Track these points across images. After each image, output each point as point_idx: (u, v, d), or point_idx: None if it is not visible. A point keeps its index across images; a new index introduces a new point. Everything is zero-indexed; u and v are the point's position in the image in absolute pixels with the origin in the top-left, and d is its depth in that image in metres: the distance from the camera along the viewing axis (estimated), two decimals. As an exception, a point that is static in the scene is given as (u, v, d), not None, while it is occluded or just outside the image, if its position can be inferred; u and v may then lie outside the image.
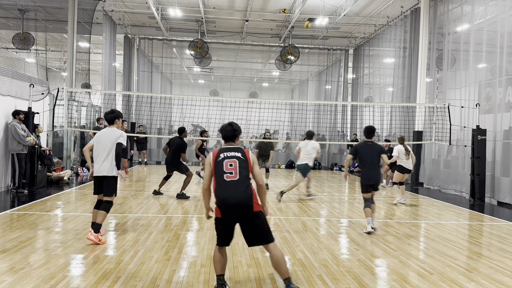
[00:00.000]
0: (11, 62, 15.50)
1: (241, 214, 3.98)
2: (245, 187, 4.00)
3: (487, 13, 12.74)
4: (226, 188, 3.99)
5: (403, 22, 16.21)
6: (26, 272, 4.51)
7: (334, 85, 22.97)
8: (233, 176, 4.02)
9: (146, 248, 5.56)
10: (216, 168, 4.09)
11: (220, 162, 4.08)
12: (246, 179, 4.05)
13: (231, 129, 4.26)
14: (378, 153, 6.97)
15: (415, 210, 9.50)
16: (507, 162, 10.75)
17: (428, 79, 14.91)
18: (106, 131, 5.89)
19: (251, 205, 3.97)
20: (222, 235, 4.11)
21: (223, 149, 4.19)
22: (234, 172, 4.03)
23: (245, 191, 3.98)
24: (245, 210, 3.96)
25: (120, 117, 6.04)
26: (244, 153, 4.16)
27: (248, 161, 4.11)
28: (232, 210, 3.97)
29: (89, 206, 8.56)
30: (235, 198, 3.95)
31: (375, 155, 6.95)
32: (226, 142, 4.28)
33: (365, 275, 4.79)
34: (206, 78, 30.83)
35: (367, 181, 6.96)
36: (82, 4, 15.49)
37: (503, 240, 6.70)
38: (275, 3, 16.94)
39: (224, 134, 4.27)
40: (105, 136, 5.82)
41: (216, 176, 4.08)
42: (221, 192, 4.01)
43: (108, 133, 5.85)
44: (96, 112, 17.51)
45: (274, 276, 4.67)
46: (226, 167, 4.05)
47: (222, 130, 4.29)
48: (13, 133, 9.85)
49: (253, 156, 4.21)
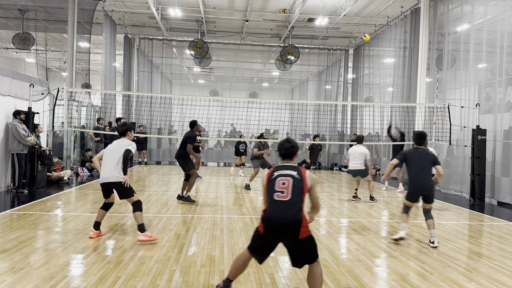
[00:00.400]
0: (11, 62, 15.50)
1: (285, 238, 3.74)
2: (295, 210, 3.68)
3: (487, 13, 12.74)
4: (274, 207, 3.73)
5: (403, 22, 16.21)
6: (26, 272, 4.51)
7: (334, 85, 22.96)
8: (284, 195, 3.73)
9: (146, 248, 5.56)
10: (269, 186, 3.84)
11: (273, 180, 3.83)
12: (298, 201, 3.72)
13: (289, 146, 3.99)
14: (431, 162, 6.31)
15: (415, 210, 9.49)
16: (507, 162, 10.75)
17: (428, 79, 14.91)
18: (117, 142, 6.08)
19: (297, 231, 3.65)
20: (257, 247, 3.86)
21: (278, 166, 3.94)
22: (286, 191, 3.73)
23: (294, 215, 3.67)
24: (290, 235, 3.68)
25: (132, 130, 6.24)
26: (301, 172, 3.84)
27: (303, 181, 3.79)
28: (276, 232, 3.71)
29: (89, 206, 8.56)
30: (282, 220, 3.67)
31: (427, 164, 6.29)
32: (283, 159, 4.01)
33: (365, 275, 4.79)
34: (206, 78, 30.84)
35: (417, 191, 6.29)
36: (82, 4, 15.49)
37: (503, 240, 6.70)
38: (275, 3, 16.94)
39: (282, 152, 4.00)
40: (115, 146, 6.01)
41: (268, 194, 3.83)
42: (269, 211, 3.76)
43: (118, 143, 6.04)
44: (96, 112, 17.52)
45: (274, 276, 4.67)
46: (278, 185, 3.78)
47: (280, 148, 4.03)
48: (14, 133, 9.85)
49: (311, 176, 3.88)
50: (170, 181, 13.19)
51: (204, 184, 12.78)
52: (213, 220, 7.48)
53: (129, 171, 12.39)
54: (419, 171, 6.24)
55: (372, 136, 19.78)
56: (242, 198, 10.29)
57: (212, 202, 9.42)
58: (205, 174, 15.84)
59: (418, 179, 6.25)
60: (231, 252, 5.51)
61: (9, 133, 9.97)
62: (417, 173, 6.25)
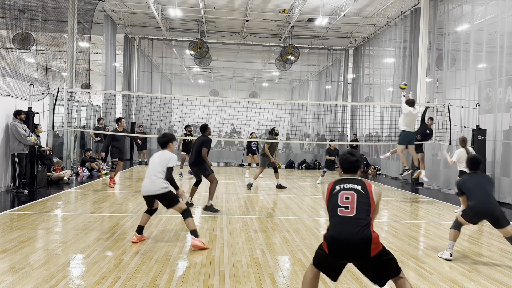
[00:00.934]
0: (11, 62, 15.51)
1: (353, 258, 3.37)
2: (362, 226, 3.33)
3: (487, 13, 12.74)
4: (338, 224, 3.40)
5: (403, 22, 16.22)
6: (26, 272, 4.51)
7: (334, 85, 22.96)
8: (348, 211, 3.40)
9: (146, 248, 5.56)
10: (330, 201, 3.52)
11: (335, 194, 3.52)
12: (365, 217, 3.38)
13: (354, 160, 3.68)
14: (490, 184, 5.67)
15: (415, 210, 9.50)
16: (507, 162, 10.75)
17: (428, 79, 14.91)
18: (158, 155, 5.98)
19: (368, 250, 3.28)
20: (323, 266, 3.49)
21: (340, 180, 3.63)
22: (351, 206, 3.41)
23: (362, 231, 3.31)
24: (360, 254, 3.31)
25: (173, 140, 6.11)
26: (366, 186, 3.52)
27: (370, 196, 3.46)
28: (343, 251, 3.34)
29: (89, 206, 8.56)
30: (348, 239, 3.31)
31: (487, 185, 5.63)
32: (346, 173, 3.71)
33: (365, 275, 4.79)
34: (206, 78, 30.83)
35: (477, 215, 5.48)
36: (82, 4, 15.49)
37: (503, 240, 6.69)
38: (275, 3, 16.94)
39: (345, 166, 3.70)
40: (156, 159, 5.92)
41: (330, 210, 3.50)
42: (332, 229, 3.41)
43: (160, 156, 5.93)
44: (96, 112, 17.52)
45: (274, 276, 4.67)
46: (341, 200, 3.46)
47: (343, 162, 3.72)
48: (14, 133, 9.85)
49: (378, 191, 3.55)
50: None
51: (204, 184, 12.75)
52: (213, 220, 7.48)
53: (129, 171, 12.45)
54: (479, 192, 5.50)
55: (372, 136, 19.78)
56: (242, 198, 10.29)
57: (212, 202, 9.40)
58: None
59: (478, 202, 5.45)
60: (231, 252, 5.51)
61: (10, 133, 9.97)
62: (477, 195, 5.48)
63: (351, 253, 3.32)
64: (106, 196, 10.14)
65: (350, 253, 3.32)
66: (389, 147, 17.14)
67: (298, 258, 5.36)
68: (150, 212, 6.08)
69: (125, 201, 9.30)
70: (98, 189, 11.13)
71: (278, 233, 6.69)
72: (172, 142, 6.07)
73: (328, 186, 3.63)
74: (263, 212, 8.48)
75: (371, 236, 3.30)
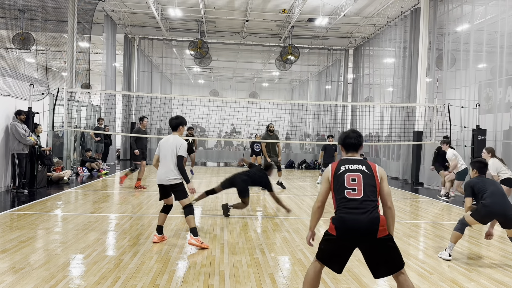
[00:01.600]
0: (11, 62, 15.51)
1: (362, 240, 3.37)
2: (370, 208, 3.35)
3: (487, 13, 12.74)
4: (346, 206, 3.38)
5: (403, 22, 16.22)
6: (26, 272, 4.51)
7: (334, 85, 22.96)
8: (356, 193, 3.39)
9: (146, 248, 5.56)
10: (335, 182, 3.47)
11: (340, 175, 3.46)
12: (372, 199, 3.39)
13: (356, 136, 3.62)
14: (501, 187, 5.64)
15: (415, 210, 9.50)
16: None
17: (428, 79, 14.91)
18: (167, 139, 5.83)
19: (375, 230, 3.31)
20: (330, 254, 3.48)
21: (344, 160, 3.58)
22: (358, 188, 3.40)
23: (370, 213, 3.33)
24: (367, 235, 3.33)
25: (184, 124, 5.94)
26: (370, 166, 3.51)
27: (375, 177, 3.46)
28: (352, 233, 3.35)
29: (89, 206, 8.56)
30: (356, 220, 3.32)
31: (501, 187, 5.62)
32: (348, 152, 3.65)
33: (365, 275, 4.79)
34: (206, 78, 30.83)
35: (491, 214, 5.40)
36: (82, 4, 15.50)
37: (503, 240, 6.70)
38: (275, 3, 16.94)
39: (349, 142, 3.62)
40: (166, 144, 5.75)
41: (335, 191, 3.47)
42: (340, 211, 3.41)
43: (169, 141, 5.76)
44: (96, 112, 17.52)
45: (274, 276, 4.67)
46: (348, 181, 3.42)
47: (346, 138, 3.64)
48: (14, 133, 9.85)
49: (382, 171, 3.54)
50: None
51: (204, 184, 12.77)
52: (213, 220, 7.48)
53: (129, 171, 12.37)
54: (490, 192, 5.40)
55: (372, 136, 19.78)
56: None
57: (212, 202, 9.41)
58: (205, 174, 15.84)
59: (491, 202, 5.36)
60: (231, 252, 5.51)
61: (9, 133, 9.97)
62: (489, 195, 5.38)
63: (359, 234, 3.33)
64: (106, 196, 10.14)
65: (358, 234, 3.33)
66: (389, 147, 17.16)
67: (298, 258, 5.36)
68: (166, 210, 5.96)
69: (125, 201, 9.30)
70: (98, 189, 11.14)
71: (278, 233, 6.69)
72: (183, 125, 5.91)
73: (332, 166, 3.57)
74: (263, 212, 8.48)
75: (379, 218, 3.33)
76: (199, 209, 8.60)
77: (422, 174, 14.44)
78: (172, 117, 5.97)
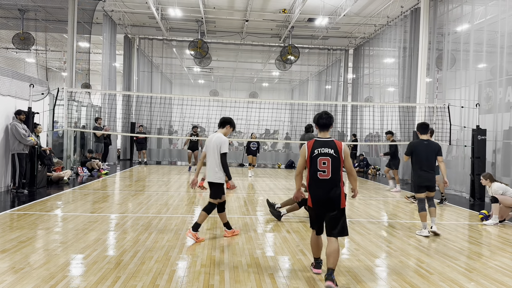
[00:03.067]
0: (11, 62, 15.51)
1: (329, 208, 4.42)
2: (335, 185, 4.40)
3: (487, 13, 12.74)
4: (318, 185, 4.43)
5: (403, 22, 16.22)
6: (26, 272, 4.51)
7: (334, 85, 22.97)
8: (325, 175, 4.40)
9: (146, 248, 5.56)
10: (311, 163, 4.46)
11: (314, 158, 4.43)
12: (337, 177, 4.41)
13: (328, 117, 4.62)
14: (435, 153, 6.80)
15: (415, 210, 9.49)
16: (507, 162, 10.75)
17: (428, 79, 14.91)
18: (211, 137, 6.18)
19: (338, 203, 4.40)
20: (315, 222, 4.63)
21: (317, 142, 4.51)
22: (327, 170, 4.39)
23: (336, 190, 4.40)
24: (333, 205, 4.41)
25: (232, 124, 6.24)
26: (337, 148, 4.45)
27: (340, 158, 4.42)
28: (322, 205, 4.45)
29: (89, 206, 8.56)
30: (326, 195, 4.40)
31: (431, 155, 6.77)
32: (321, 131, 4.61)
33: (365, 275, 4.79)
34: (206, 78, 30.84)
35: (421, 183, 6.78)
36: (82, 4, 15.50)
37: (503, 240, 6.70)
38: (275, 3, 16.94)
39: (321, 122, 4.59)
40: (210, 143, 6.08)
41: (310, 171, 4.48)
42: (314, 189, 4.47)
43: (212, 139, 6.08)
44: (96, 112, 17.52)
45: (274, 276, 4.67)
46: (319, 165, 4.41)
47: (319, 118, 4.61)
48: (14, 133, 9.85)
49: (346, 148, 4.50)
50: (170, 181, 13.18)
51: (203, 184, 12.77)
52: (213, 220, 7.48)
53: (129, 171, 12.49)
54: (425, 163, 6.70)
55: (372, 136, 19.78)
56: (242, 198, 10.29)
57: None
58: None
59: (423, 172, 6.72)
60: (231, 252, 5.51)
61: (9, 133, 9.97)
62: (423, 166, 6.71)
63: (328, 204, 4.42)
64: (106, 196, 10.15)
65: (328, 204, 4.43)
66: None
67: (298, 258, 5.36)
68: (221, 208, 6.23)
69: (125, 201, 9.30)
70: (98, 189, 11.14)
71: (278, 233, 6.69)
72: (231, 124, 6.22)
73: (308, 145, 4.52)
74: (263, 212, 8.48)
75: (340, 193, 4.42)
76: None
77: (422, 174, 14.42)
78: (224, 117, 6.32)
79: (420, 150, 6.78)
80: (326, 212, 4.44)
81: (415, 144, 6.89)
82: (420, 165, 6.76)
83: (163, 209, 8.42)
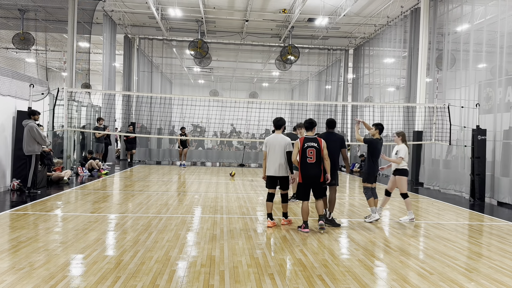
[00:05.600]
0: (11, 62, 15.50)
1: (313, 183, 6.78)
2: (318, 167, 6.76)
3: (487, 13, 12.74)
4: (307, 167, 6.74)
5: (403, 22, 16.22)
6: (26, 272, 4.51)
7: (334, 85, 22.97)
8: (312, 160, 6.73)
9: (146, 248, 5.56)
10: (302, 152, 6.75)
11: (304, 149, 6.75)
12: (319, 162, 6.76)
13: (310, 121, 7.00)
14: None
15: (415, 210, 9.49)
16: (507, 162, 10.75)
17: (428, 79, 14.91)
18: (274, 137, 7.14)
19: (319, 178, 6.78)
20: (304, 193, 6.83)
21: (306, 138, 6.81)
22: (313, 157, 6.72)
23: (318, 170, 6.76)
24: (316, 180, 6.77)
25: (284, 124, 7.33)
26: (319, 143, 6.78)
27: (321, 149, 6.76)
28: (309, 180, 6.76)
29: (89, 206, 8.56)
30: (312, 173, 6.74)
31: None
32: (307, 131, 6.99)
33: (365, 275, 4.79)
34: (206, 78, 30.85)
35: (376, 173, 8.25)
36: (82, 4, 15.49)
37: (503, 240, 6.70)
38: (275, 3, 16.95)
39: (306, 125, 7.02)
40: (275, 142, 7.09)
41: (302, 157, 6.76)
42: (304, 169, 6.75)
43: (277, 139, 7.11)
44: (96, 112, 17.51)
45: (274, 276, 4.67)
46: (308, 153, 6.73)
47: (305, 122, 7.06)
48: (34, 135, 9.66)
49: (324, 143, 6.82)
50: (170, 181, 13.19)
51: (204, 184, 12.78)
52: (213, 220, 7.48)
53: (129, 171, 12.48)
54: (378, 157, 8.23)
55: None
56: (242, 198, 10.29)
57: (212, 202, 9.42)
58: (205, 174, 15.84)
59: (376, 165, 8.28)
60: (231, 252, 5.51)
61: (26, 135, 9.77)
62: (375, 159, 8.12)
63: (313, 180, 6.77)
64: (106, 196, 10.14)
65: (313, 180, 6.77)
66: (389, 147, 17.14)
67: (298, 258, 5.36)
68: (270, 198, 7.17)
69: (125, 201, 9.30)
70: (98, 189, 11.14)
71: (278, 233, 6.69)
72: (285, 125, 7.35)
73: (300, 141, 6.82)
74: (263, 212, 8.48)
75: (321, 171, 6.78)
76: (199, 209, 8.60)
77: (422, 174, 14.44)
78: (276, 118, 7.30)
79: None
80: (311, 184, 6.74)
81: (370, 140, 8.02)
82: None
83: (163, 209, 8.42)
